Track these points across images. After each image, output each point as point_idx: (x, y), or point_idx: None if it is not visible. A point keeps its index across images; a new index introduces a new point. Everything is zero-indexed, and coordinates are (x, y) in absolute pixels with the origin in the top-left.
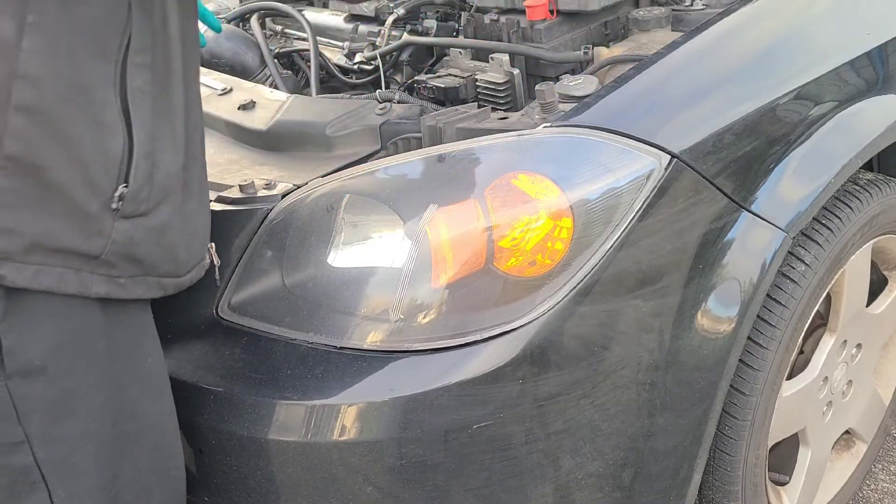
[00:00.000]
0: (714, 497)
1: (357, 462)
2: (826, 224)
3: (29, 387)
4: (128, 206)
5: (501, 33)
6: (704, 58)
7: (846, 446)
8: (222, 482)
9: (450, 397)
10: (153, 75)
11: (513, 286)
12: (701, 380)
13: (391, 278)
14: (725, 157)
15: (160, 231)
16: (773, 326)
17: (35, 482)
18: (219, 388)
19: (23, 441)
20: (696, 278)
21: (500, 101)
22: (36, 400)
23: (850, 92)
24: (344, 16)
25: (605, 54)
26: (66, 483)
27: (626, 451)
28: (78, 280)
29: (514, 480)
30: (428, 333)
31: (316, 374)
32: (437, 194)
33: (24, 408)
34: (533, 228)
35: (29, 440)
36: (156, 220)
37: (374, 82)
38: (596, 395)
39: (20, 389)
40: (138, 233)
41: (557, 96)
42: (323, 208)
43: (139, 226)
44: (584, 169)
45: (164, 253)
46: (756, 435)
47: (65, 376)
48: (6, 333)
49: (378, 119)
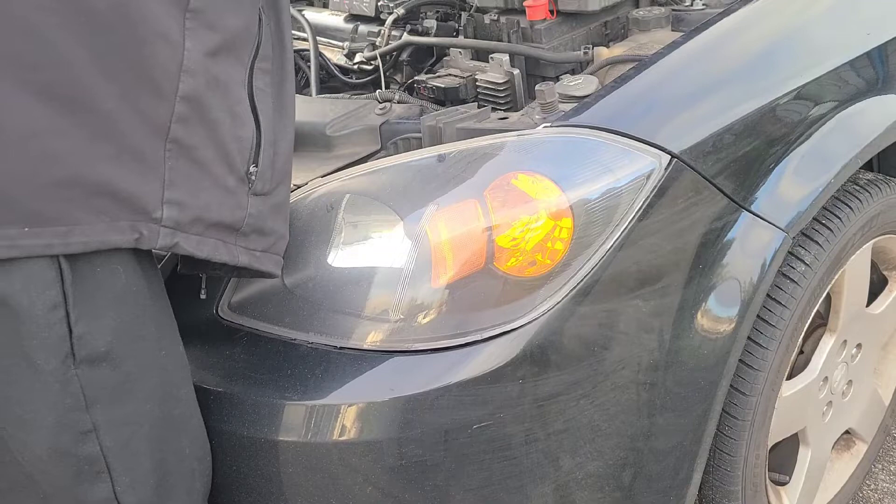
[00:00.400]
0: (714, 497)
1: (357, 462)
2: (826, 224)
3: (95, 373)
4: (257, 184)
5: (501, 33)
6: (704, 58)
7: (846, 446)
8: (222, 482)
9: (450, 397)
10: (272, 78)
11: (513, 286)
12: (701, 380)
13: (391, 278)
14: (725, 157)
15: (279, 208)
16: (773, 326)
17: (100, 471)
18: (219, 388)
19: (90, 430)
20: (696, 278)
21: (500, 101)
22: (101, 386)
23: (850, 92)
24: (344, 16)
25: (605, 54)
26: (128, 469)
27: (626, 451)
28: (227, 250)
29: (513, 480)
30: (428, 333)
31: (316, 374)
32: (437, 194)
33: (91, 395)
34: (533, 228)
35: (96, 428)
36: (276, 198)
37: (374, 82)
38: (596, 395)
39: (88, 377)
40: (265, 208)
41: (557, 96)
42: (323, 208)
43: (265, 203)
44: (584, 169)
45: (281, 230)
46: (756, 435)
47: (124, 360)
48: (78, 321)
49: (378, 119)
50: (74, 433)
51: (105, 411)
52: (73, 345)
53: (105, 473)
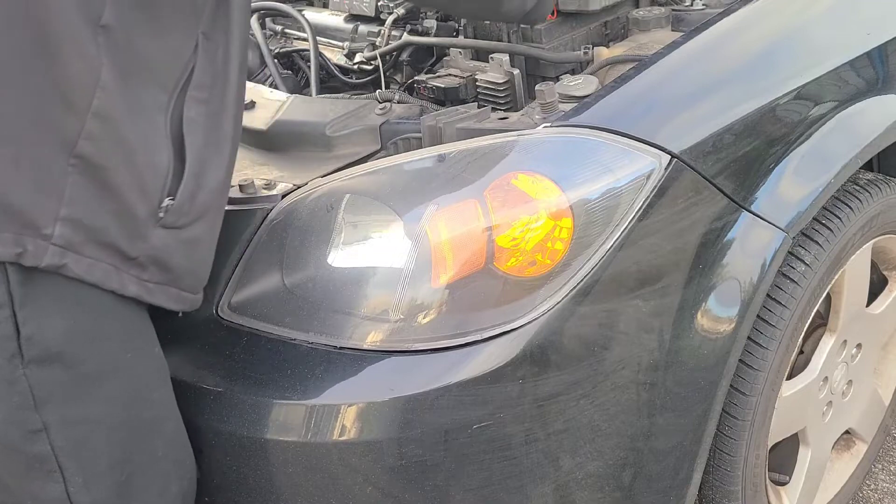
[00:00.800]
0: (714, 497)
1: (357, 462)
2: (826, 224)
3: (46, 373)
4: (169, 217)
5: (501, 33)
6: (704, 58)
7: (846, 446)
8: (222, 482)
9: (450, 397)
10: (207, 109)
11: (513, 286)
12: (701, 380)
13: (391, 278)
14: (725, 157)
15: (192, 244)
16: (773, 326)
17: (51, 470)
18: (219, 388)
19: (41, 429)
20: (696, 278)
21: (500, 101)
22: (53, 386)
23: (850, 92)
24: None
25: (605, 54)
26: (81, 468)
27: (626, 451)
28: (118, 278)
29: (513, 480)
30: (428, 333)
31: (316, 374)
32: (437, 194)
33: (41, 395)
34: (533, 228)
35: (46, 428)
36: (191, 233)
37: (374, 82)
38: (596, 395)
39: (37, 376)
40: (172, 243)
41: (557, 96)
42: (323, 208)
43: (174, 237)
44: (584, 169)
45: (190, 266)
46: (756, 435)
47: (81, 362)
48: (25, 321)
49: (378, 119)
50: (23, 431)
51: (57, 411)
52: (20, 345)
53: (57, 472)
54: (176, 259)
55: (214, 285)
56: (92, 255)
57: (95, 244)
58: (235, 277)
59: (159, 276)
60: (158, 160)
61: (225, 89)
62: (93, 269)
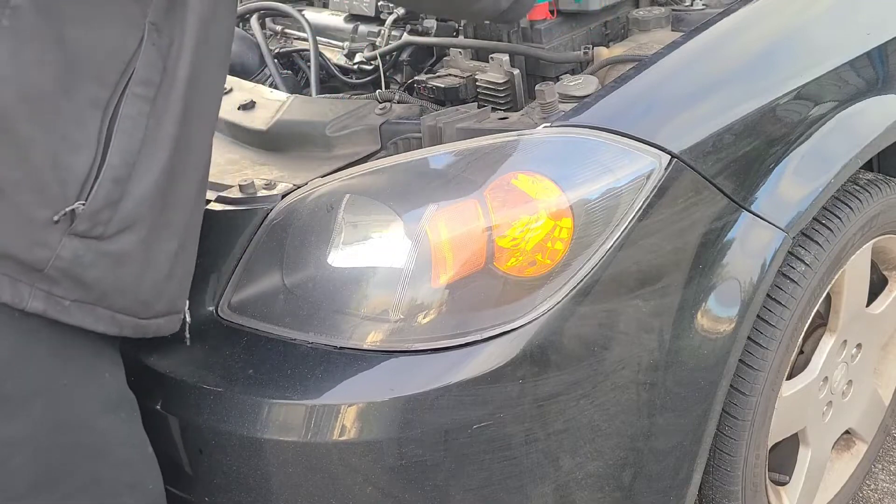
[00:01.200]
0: (714, 497)
1: (357, 462)
2: (826, 224)
3: None
4: (81, 224)
5: (501, 33)
6: (704, 58)
7: (846, 446)
8: (222, 482)
9: (450, 397)
10: (151, 108)
11: (513, 286)
12: (701, 380)
13: (391, 278)
14: (725, 157)
15: (117, 260)
16: (773, 326)
17: None
18: (219, 388)
19: None
20: (696, 278)
21: (500, 101)
22: None
23: (850, 92)
24: (344, 16)
25: (605, 54)
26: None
27: (626, 451)
28: (13, 289)
29: (514, 480)
30: (428, 333)
31: (316, 374)
32: (437, 194)
33: None
34: (533, 228)
35: None
36: (115, 245)
37: (374, 82)
38: (596, 395)
39: None
40: (89, 255)
41: (557, 96)
42: (323, 208)
43: (91, 248)
44: (583, 169)
45: (120, 284)
46: (756, 435)
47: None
48: None
49: (378, 119)
50: None
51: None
52: None
53: None
54: (93, 274)
55: (214, 285)
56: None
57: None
58: (235, 277)
59: (77, 292)
60: (72, 161)
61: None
62: None
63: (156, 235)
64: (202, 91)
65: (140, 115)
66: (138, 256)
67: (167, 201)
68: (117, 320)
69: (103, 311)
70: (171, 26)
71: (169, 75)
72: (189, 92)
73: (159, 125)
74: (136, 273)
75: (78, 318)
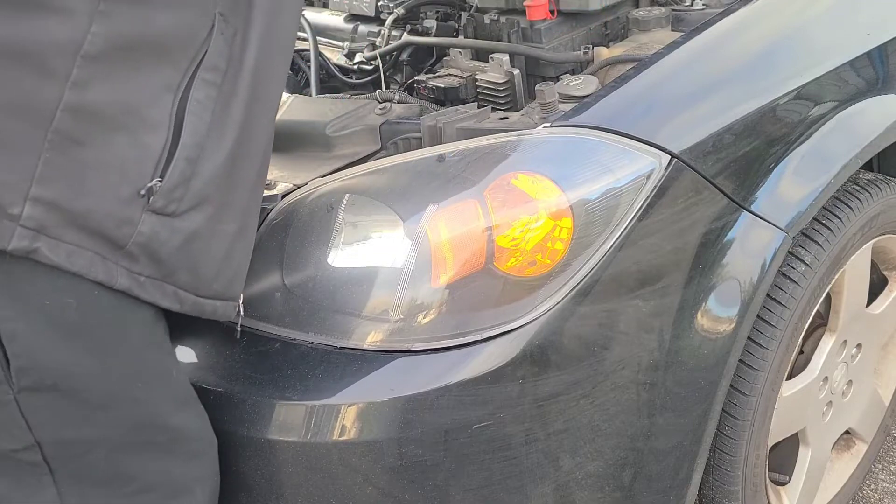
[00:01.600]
0: (714, 497)
1: (357, 462)
2: (826, 224)
3: (40, 400)
4: (158, 201)
5: (501, 33)
6: (704, 58)
7: (846, 446)
8: (222, 482)
9: (450, 397)
10: (218, 93)
11: (513, 286)
12: (701, 380)
13: (391, 278)
14: (725, 157)
15: (187, 236)
16: (773, 326)
17: (43, 475)
18: (219, 388)
19: (33, 445)
20: (696, 278)
21: (500, 101)
22: (47, 412)
23: (850, 92)
24: (344, 16)
25: (605, 54)
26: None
27: (626, 451)
28: (105, 268)
29: (514, 480)
30: (428, 333)
31: (316, 374)
32: (437, 194)
33: (35, 420)
34: (533, 228)
35: (40, 444)
36: (185, 223)
37: (374, 82)
38: (596, 395)
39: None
40: (164, 231)
41: (557, 96)
42: (323, 208)
43: (166, 225)
44: (583, 169)
45: (186, 261)
46: (756, 435)
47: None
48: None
49: (378, 119)
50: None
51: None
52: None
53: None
54: (167, 250)
55: None
56: (72, 241)
57: (76, 228)
58: None
59: (151, 268)
60: (151, 140)
61: (239, 75)
62: (74, 256)
63: (219, 215)
64: (266, 79)
65: (208, 99)
66: (204, 234)
67: (231, 183)
68: (179, 296)
69: (169, 286)
70: (236, 17)
71: (234, 63)
72: (254, 80)
73: (225, 110)
74: (200, 250)
75: (151, 293)
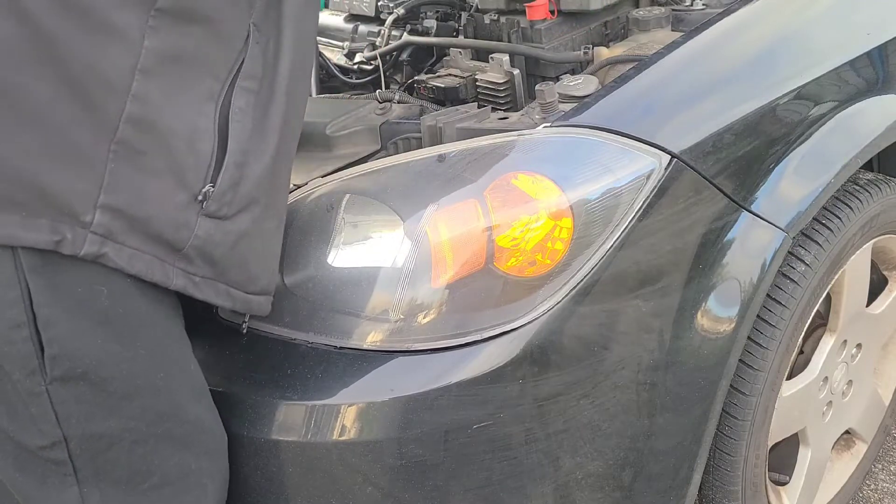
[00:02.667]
0: (714, 497)
1: (357, 462)
2: (826, 224)
3: (70, 391)
4: (211, 205)
5: (501, 33)
6: (704, 58)
7: (846, 446)
8: None
9: (450, 397)
10: (256, 100)
11: (513, 286)
12: (701, 380)
13: (391, 278)
14: (725, 157)
15: (237, 237)
16: (773, 326)
17: (66, 474)
18: (219, 388)
19: (60, 441)
20: (696, 278)
21: (500, 101)
22: (76, 404)
23: (849, 92)
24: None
25: (605, 54)
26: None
27: (627, 450)
28: (163, 270)
29: (514, 480)
30: (428, 333)
31: (316, 374)
32: (437, 194)
33: (63, 412)
34: (533, 228)
35: (66, 440)
36: (235, 225)
37: (374, 82)
38: (596, 395)
39: (60, 394)
40: (218, 234)
41: (557, 96)
42: (323, 208)
43: (219, 227)
44: (584, 169)
45: (237, 260)
46: (756, 435)
47: (107, 381)
48: (51, 342)
49: (378, 119)
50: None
51: (79, 426)
52: (44, 364)
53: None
54: (220, 251)
55: None
56: (134, 246)
57: (138, 233)
58: None
59: (205, 269)
60: (202, 147)
61: (274, 81)
62: (134, 259)
63: (264, 214)
64: (297, 83)
65: (248, 105)
66: (252, 234)
67: (273, 183)
68: (231, 294)
69: (222, 285)
70: (268, 26)
71: (269, 70)
72: (288, 84)
73: (265, 115)
74: (249, 249)
75: (205, 293)
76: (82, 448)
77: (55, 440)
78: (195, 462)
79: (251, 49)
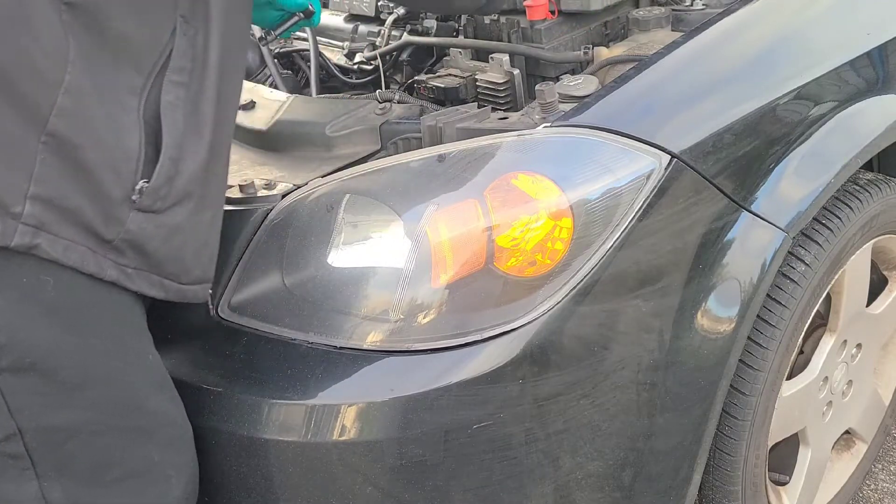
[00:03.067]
0: (714, 497)
1: (357, 462)
2: (826, 224)
3: (20, 382)
4: (145, 200)
5: (501, 33)
6: (704, 58)
7: (846, 446)
8: (222, 482)
9: (450, 397)
10: (187, 93)
11: (513, 286)
12: (701, 380)
13: (391, 278)
14: (725, 157)
15: (171, 230)
16: (773, 326)
17: (25, 469)
18: (219, 388)
19: (14, 433)
20: (696, 278)
21: (500, 101)
22: (28, 395)
23: (849, 92)
24: (344, 16)
25: (605, 54)
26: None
27: (627, 451)
28: (95, 261)
29: (514, 480)
30: (428, 333)
31: (316, 374)
32: (437, 194)
33: (15, 403)
34: (533, 228)
35: (21, 432)
36: (169, 218)
37: (374, 82)
38: (596, 395)
39: (11, 385)
40: (150, 227)
41: (557, 96)
42: (323, 208)
43: (152, 221)
44: (583, 169)
45: (171, 252)
46: (756, 435)
47: (58, 370)
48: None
49: (378, 119)
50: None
51: (33, 419)
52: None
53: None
54: (153, 244)
55: (215, 285)
56: (68, 237)
57: (70, 225)
58: (235, 277)
59: (137, 260)
60: (128, 143)
61: (204, 74)
62: (69, 251)
63: (199, 207)
64: (229, 76)
65: (178, 99)
66: (186, 227)
67: (208, 176)
68: (164, 285)
69: (155, 276)
70: (195, 18)
71: (199, 63)
72: (219, 77)
73: (197, 108)
74: (183, 241)
75: (138, 284)
76: (39, 441)
77: (9, 433)
78: (158, 454)
79: (178, 42)
